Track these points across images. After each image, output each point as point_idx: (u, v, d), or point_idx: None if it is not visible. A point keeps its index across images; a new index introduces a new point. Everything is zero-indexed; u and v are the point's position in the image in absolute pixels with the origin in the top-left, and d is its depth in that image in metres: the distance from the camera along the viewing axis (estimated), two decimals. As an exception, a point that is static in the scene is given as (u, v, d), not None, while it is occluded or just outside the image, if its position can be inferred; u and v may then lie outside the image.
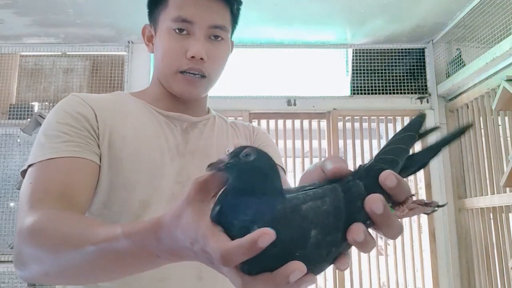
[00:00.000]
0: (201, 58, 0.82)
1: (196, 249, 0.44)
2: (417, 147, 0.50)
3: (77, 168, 0.73)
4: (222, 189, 0.45)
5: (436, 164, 2.86)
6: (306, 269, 0.39)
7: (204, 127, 0.91)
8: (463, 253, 2.71)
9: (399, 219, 0.46)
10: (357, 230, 0.43)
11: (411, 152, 0.48)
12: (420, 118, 0.51)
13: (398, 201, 0.46)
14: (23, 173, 0.76)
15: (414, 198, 0.47)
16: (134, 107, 0.87)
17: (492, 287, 2.41)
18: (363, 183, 0.45)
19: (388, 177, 0.45)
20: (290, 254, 0.40)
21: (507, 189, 2.23)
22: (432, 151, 0.49)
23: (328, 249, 0.42)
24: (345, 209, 0.43)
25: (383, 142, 3.18)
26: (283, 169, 0.95)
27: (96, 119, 0.80)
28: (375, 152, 2.93)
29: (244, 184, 0.43)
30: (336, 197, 0.43)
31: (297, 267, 0.39)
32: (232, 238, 0.40)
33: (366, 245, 0.44)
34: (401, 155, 0.47)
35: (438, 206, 0.47)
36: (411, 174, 0.49)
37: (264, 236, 0.38)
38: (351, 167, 0.48)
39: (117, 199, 0.77)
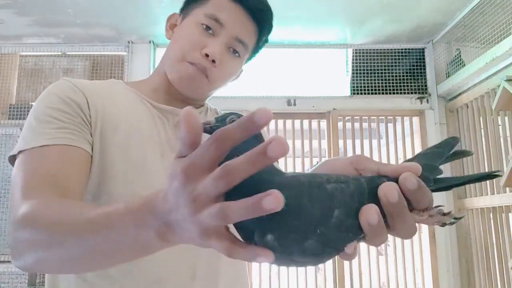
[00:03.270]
0: (213, 61, 0.81)
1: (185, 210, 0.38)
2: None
3: (71, 157, 0.71)
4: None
5: (436, 164, 2.86)
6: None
7: None
8: (463, 253, 2.71)
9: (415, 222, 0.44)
10: (369, 210, 0.41)
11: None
12: (453, 140, 0.50)
13: (418, 207, 0.44)
14: (12, 158, 0.73)
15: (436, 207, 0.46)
16: (126, 96, 0.84)
17: (492, 287, 2.41)
18: (387, 179, 0.44)
19: (407, 178, 0.42)
20: (311, 229, 0.39)
21: (507, 189, 2.23)
22: (457, 180, 0.48)
23: (345, 233, 0.41)
24: (367, 197, 0.42)
25: (383, 142, 3.19)
26: None
27: (88, 106, 0.77)
28: (375, 152, 2.95)
29: (233, 151, 0.39)
30: (360, 184, 0.43)
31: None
32: None
33: (378, 232, 0.41)
34: (430, 170, 0.46)
35: (456, 218, 0.46)
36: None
37: (269, 198, 0.33)
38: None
39: (106, 190, 0.75)
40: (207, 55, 0.81)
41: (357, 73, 3.04)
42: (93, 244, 0.50)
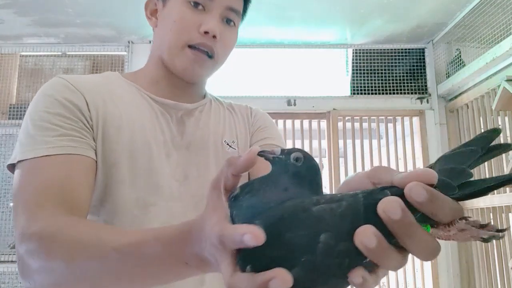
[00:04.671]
0: (214, 36, 0.77)
1: (209, 244, 0.41)
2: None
3: (75, 167, 0.68)
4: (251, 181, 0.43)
5: (436, 164, 2.86)
6: (290, 281, 0.34)
7: (200, 114, 0.86)
8: (463, 253, 2.71)
9: (437, 238, 0.38)
10: (364, 231, 0.35)
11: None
12: (489, 134, 0.40)
13: (440, 221, 0.37)
14: (10, 166, 0.69)
15: (467, 220, 0.38)
16: (127, 92, 0.80)
17: (492, 287, 2.41)
18: (390, 191, 0.37)
19: (413, 189, 0.35)
20: (295, 258, 0.36)
21: (507, 189, 2.23)
22: (489, 182, 0.38)
23: (340, 259, 0.36)
24: (364, 216, 0.36)
25: (383, 142, 3.19)
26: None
27: (88, 108, 0.73)
28: (375, 152, 2.94)
29: (277, 182, 0.42)
30: (355, 202, 0.37)
31: (278, 275, 0.34)
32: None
33: (384, 255, 0.35)
34: (454, 175, 0.39)
35: (498, 230, 0.38)
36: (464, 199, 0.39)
37: (249, 235, 0.35)
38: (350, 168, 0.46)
39: (112, 195, 0.73)
40: (206, 33, 0.77)
41: (357, 73, 3.04)
42: (119, 273, 0.51)
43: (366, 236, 0.35)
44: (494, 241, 2.22)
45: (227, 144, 0.85)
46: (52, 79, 0.76)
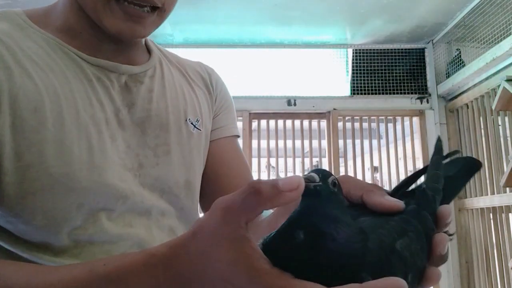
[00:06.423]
0: None
1: None
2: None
3: None
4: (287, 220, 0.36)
5: (436, 164, 2.86)
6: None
7: (152, 82, 0.64)
8: (463, 253, 2.71)
9: None
10: (434, 276, 0.40)
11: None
12: (440, 142, 0.49)
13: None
14: None
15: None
16: (43, 49, 0.56)
17: (492, 287, 2.41)
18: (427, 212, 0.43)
19: (449, 214, 0.43)
20: None
21: (507, 189, 2.23)
22: (460, 183, 0.49)
23: None
24: (426, 250, 0.41)
25: (383, 142, 3.20)
26: (237, 135, 0.77)
27: None
28: (375, 152, 2.95)
29: (325, 215, 0.36)
30: (418, 232, 0.40)
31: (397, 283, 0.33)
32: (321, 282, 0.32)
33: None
34: (441, 182, 0.46)
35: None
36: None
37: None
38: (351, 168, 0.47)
39: (40, 207, 0.51)
40: None
41: (357, 73, 3.04)
42: None
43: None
44: (494, 241, 2.20)
45: (191, 123, 0.67)
46: None
